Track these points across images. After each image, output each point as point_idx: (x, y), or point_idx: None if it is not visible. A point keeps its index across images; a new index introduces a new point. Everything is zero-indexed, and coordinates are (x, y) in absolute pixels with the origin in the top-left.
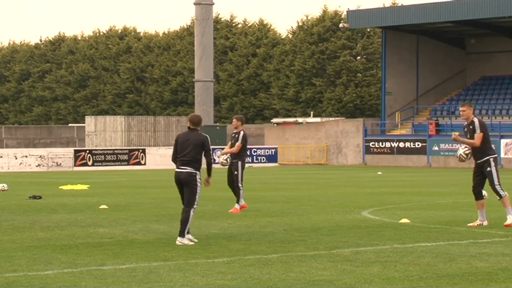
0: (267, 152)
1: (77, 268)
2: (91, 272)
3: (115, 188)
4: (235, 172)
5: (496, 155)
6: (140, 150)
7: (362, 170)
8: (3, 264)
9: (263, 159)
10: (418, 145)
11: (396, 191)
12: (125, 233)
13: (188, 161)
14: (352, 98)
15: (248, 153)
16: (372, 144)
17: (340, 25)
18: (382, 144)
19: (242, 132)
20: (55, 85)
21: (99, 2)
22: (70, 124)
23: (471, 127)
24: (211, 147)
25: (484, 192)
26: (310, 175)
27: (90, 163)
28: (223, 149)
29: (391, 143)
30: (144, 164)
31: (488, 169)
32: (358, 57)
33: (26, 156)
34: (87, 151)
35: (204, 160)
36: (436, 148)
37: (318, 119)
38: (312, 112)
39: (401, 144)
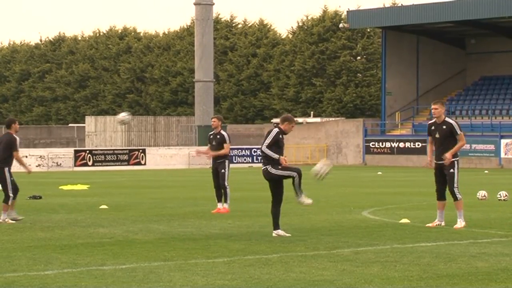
0: None
1: (77, 268)
2: (91, 272)
3: (115, 188)
4: (222, 171)
5: (459, 157)
6: (140, 150)
7: (362, 170)
8: (3, 264)
9: None
10: (418, 145)
11: (396, 191)
12: (125, 233)
13: (262, 157)
14: (352, 98)
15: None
16: (372, 144)
17: (340, 25)
18: (382, 144)
19: (225, 133)
20: (55, 85)
21: (99, 2)
22: (70, 124)
23: (444, 127)
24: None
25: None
26: (310, 175)
27: (90, 163)
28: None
29: (391, 143)
30: (144, 164)
31: (452, 170)
32: (358, 57)
33: (26, 156)
34: (87, 151)
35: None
36: None
37: (318, 119)
38: (312, 112)
39: (401, 144)
